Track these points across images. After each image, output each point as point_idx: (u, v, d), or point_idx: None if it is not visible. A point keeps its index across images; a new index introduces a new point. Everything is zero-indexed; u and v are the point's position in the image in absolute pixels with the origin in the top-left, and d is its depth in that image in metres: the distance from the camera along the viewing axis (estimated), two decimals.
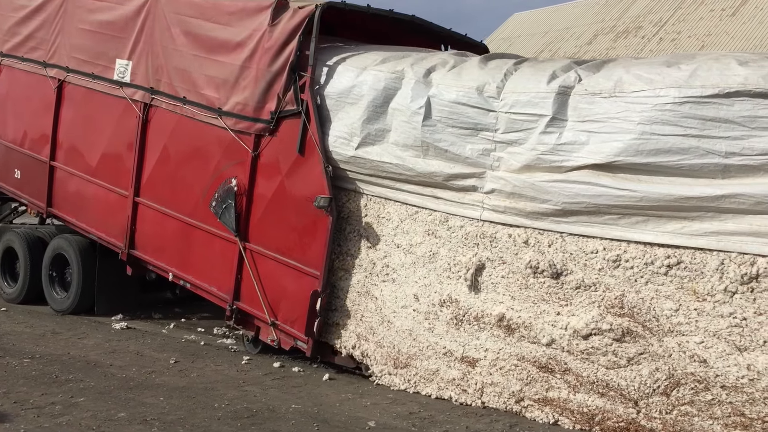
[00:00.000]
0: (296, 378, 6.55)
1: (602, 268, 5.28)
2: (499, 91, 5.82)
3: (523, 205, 5.64)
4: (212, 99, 7.45)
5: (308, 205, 6.57)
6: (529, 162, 5.60)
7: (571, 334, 5.36)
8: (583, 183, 5.33)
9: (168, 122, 7.96)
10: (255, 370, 6.76)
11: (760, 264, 4.71)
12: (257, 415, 5.40)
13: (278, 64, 6.87)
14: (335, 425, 5.29)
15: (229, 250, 7.30)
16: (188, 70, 7.69)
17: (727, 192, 4.81)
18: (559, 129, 5.49)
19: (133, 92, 8.29)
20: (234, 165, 7.27)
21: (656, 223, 5.10)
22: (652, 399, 5.08)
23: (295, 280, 6.77)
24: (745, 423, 4.76)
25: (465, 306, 5.92)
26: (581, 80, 5.53)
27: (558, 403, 5.46)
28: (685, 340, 4.96)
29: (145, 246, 8.24)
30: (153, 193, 8.13)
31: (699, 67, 5.07)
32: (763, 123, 4.72)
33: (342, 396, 6.03)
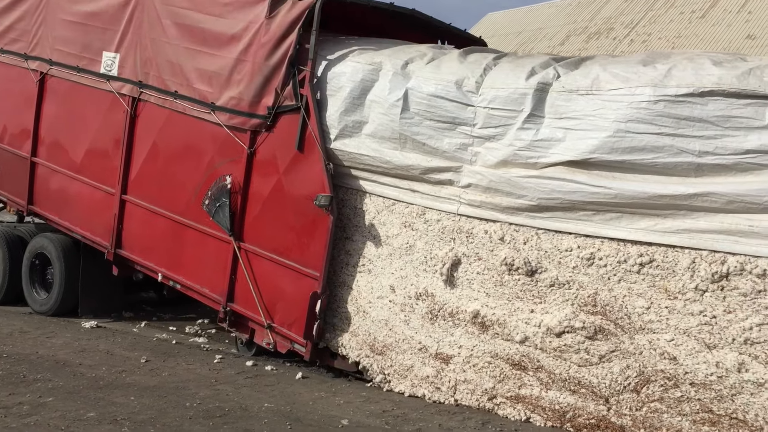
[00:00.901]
0: (269, 377, 6.51)
1: (576, 266, 5.33)
2: (478, 86, 5.83)
3: (499, 200, 5.66)
4: (205, 93, 7.21)
5: (307, 204, 6.40)
6: (506, 157, 5.62)
7: (544, 332, 5.39)
8: (558, 179, 5.36)
9: (157, 117, 7.70)
10: (227, 368, 6.70)
11: (730, 263, 4.78)
12: (229, 414, 5.35)
13: (276, 57, 6.66)
14: (308, 424, 5.26)
15: (223, 250, 7.08)
16: (179, 63, 7.44)
17: (700, 191, 4.87)
18: (536, 125, 5.51)
19: (120, 86, 8.02)
20: (228, 162, 7.05)
21: (630, 220, 5.15)
22: (622, 396, 5.13)
23: (293, 281, 6.58)
24: (713, 419, 4.83)
25: (441, 301, 5.93)
26: (559, 77, 5.57)
27: (530, 401, 5.49)
28: (656, 337, 5.01)
29: (133, 245, 7.98)
30: (141, 191, 7.86)
31: (674, 66, 5.13)
32: (736, 123, 4.78)
33: (315, 394, 6.00)
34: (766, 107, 4.70)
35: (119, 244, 8.04)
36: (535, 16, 20.77)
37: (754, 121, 4.73)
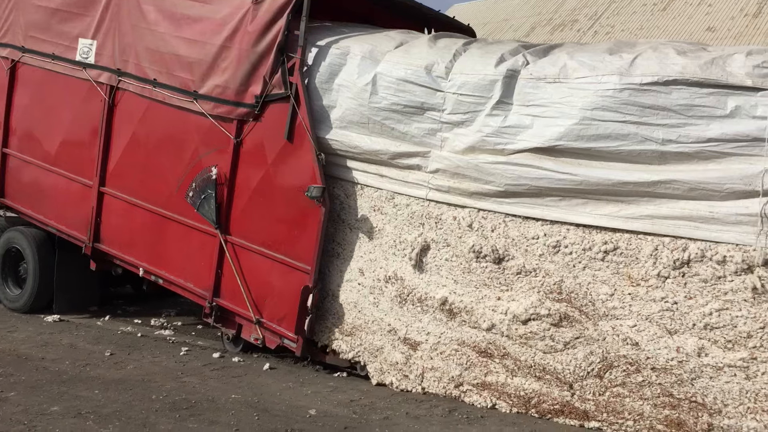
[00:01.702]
0: (236, 368, 6.49)
1: (543, 253, 5.39)
2: (447, 72, 5.82)
3: (466, 185, 5.69)
4: (187, 81, 6.97)
5: (297, 196, 6.23)
6: (474, 144, 5.64)
7: (510, 319, 5.45)
8: (525, 166, 5.41)
9: (137, 106, 7.44)
10: (194, 361, 6.66)
11: (691, 250, 4.88)
12: (196, 406, 5.33)
13: (264, 44, 6.44)
14: (275, 414, 5.26)
15: (209, 243, 6.88)
16: (160, 50, 7.18)
17: (663, 178, 4.95)
18: (504, 112, 5.54)
19: (98, 74, 7.74)
20: (213, 153, 6.83)
21: (595, 206, 5.22)
22: (586, 381, 5.22)
23: (283, 275, 6.42)
24: (673, 403, 4.93)
25: (410, 285, 5.96)
26: (528, 64, 5.60)
27: (496, 387, 5.55)
28: (619, 323, 5.10)
29: (112, 239, 7.73)
30: (121, 183, 7.61)
31: (639, 55, 5.20)
32: (699, 111, 4.87)
33: (283, 385, 6.00)
34: (727, 96, 4.79)
35: (97, 238, 7.81)
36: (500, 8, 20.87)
37: (716, 110, 4.81)
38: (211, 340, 7.58)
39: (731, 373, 4.74)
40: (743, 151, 4.74)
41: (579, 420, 5.24)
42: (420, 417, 5.34)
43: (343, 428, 5.04)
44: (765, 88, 4.71)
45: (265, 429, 4.95)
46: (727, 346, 4.76)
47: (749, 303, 4.70)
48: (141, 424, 4.91)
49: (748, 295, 4.70)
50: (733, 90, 4.78)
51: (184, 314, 8.62)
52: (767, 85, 4.71)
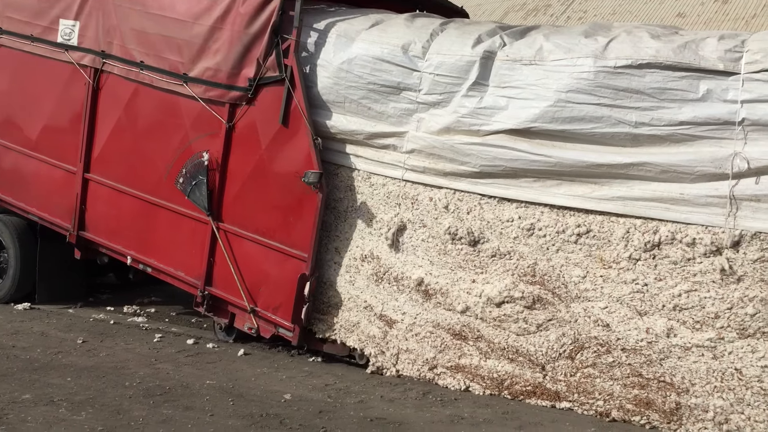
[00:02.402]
0: (211, 354, 6.46)
1: (517, 236, 5.42)
2: (424, 51, 5.80)
3: (442, 165, 5.69)
4: (176, 64, 6.75)
5: (293, 181, 6.08)
6: (450, 124, 5.64)
7: (485, 302, 5.49)
8: (500, 147, 5.43)
9: (123, 90, 7.21)
10: (168, 347, 6.61)
11: (662, 232, 4.95)
12: (170, 392, 5.30)
13: (257, 25, 6.24)
14: (250, 399, 5.26)
15: (200, 231, 6.70)
16: (147, 31, 6.94)
17: (636, 160, 5.01)
18: (480, 93, 5.55)
19: (81, 56, 7.47)
20: (204, 137, 6.64)
21: (568, 187, 5.27)
22: (557, 363, 5.29)
23: (278, 263, 6.27)
24: (642, 383, 5.01)
25: (386, 264, 5.97)
26: (505, 46, 5.61)
27: (469, 370, 5.60)
28: (591, 305, 5.17)
29: (98, 227, 7.51)
30: (106, 169, 7.38)
31: (614, 38, 5.24)
32: (672, 95, 4.92)
33: (258, 371, 5.99)
34: (700, 80, 4.84)
35: (82, 226, 7.58)
36: None
37: (688, 93, 4.87)
38: (185, 326, 7.55)
39: (699, 353, 4.84)
40: (714, 135, 4.80)
41: (551, 401, 5.31)
42: (394, 400, 5.38)
43: (318, 412, 5.05)
44: (736, 72, 4.77)
45: (240, 414, 4.95)
46: (696, 326, 4.85)
47: (717, 284, 4.79)
48: (114, 410, 4.88)
49: (717, 276, 4.79)
50: (705, 74, 4.84)
51: (157, 301, 8.55)
52: (739, 70, 4.76)
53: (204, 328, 7.50)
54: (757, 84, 4.69)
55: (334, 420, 4.93)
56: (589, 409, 5.18)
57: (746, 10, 12.98)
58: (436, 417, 5.07)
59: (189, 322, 7.74)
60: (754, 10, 12.93)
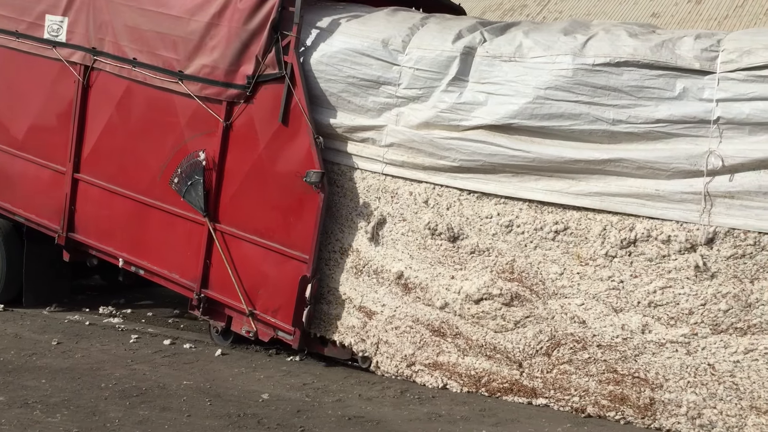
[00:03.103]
0: (188, 354, 6.41)
1: (496, 233, 5.45)
2: (404, 46, 5.80)
3: (421, 159, 5.70)
4: (171, 61, 6.58)
5: (293, 181, 5.95)
6: (429, 119, 5.65)
7: (463, 299, 5.51)
8: (479, 142, 5.45)
9: (115, 88, 7.02)
10: (144, 348, 6.56)
11: (638, 229, 5.00)
12: (147, 393, 5.27)
13: (256, 21, 6.10)
14: (228, 399, 5.24)
15: (196, 232, 6.54)
16: (141, 27, 6.75)
17: (613, 156, 5.06)
18: (460, 88, 5.56)
19: (70, 53, 7.25)
20: (200, 136, 6.48)
21: (546, 183, 5.30)
22: (534, 359, 5.32)
23: (278, 264, 6.13)
24: (617, 379, 5.07)
25: (365, 257, 5.96)
26: (485, 42, 5.63)
27: (447, 367, 5.62)
28: (568, 302, 5.21)
29: (88, 228, 7.31)
30: (97, 169, 7.17)
31: (593, 36, 5.29)
32: (649, 93, 4.97)
33: (235, 370, 5.96)
34: (676, 79, 4.90)
35: (72, 228, 7.37)
36: None
37: (665, 92, 4.93)
38: (162, 327, 7.48)
39: (673, 348, 4.90)
40: (690, 132, 4.86)
41: (527, 397, 5.35)
42: (372, 398, 5.39)
43: (296, 411, 5.04)
44: (712, 71, 4.83)
45: (217, 414, 4.93)
46: (670, 322, 4.91)
47: (691, 281, 4.85)
48: (90, 412, 4.84)
49: (691, 273, 4.85)
50: (682, 72, 4.90)
51: (133, 302, 8.47)
52: (714, 69, 4.83)
53: (181, 329, 7.45)
54: (732, 83, 4.76)
55: (312, 419, 4.92)
56: (565, 405, 5.22)
57: (719, 11, 13.17)
58: (414, 415, 5.09)
59: (166, 322, 7.67)
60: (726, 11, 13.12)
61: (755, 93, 4.68)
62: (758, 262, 4.68)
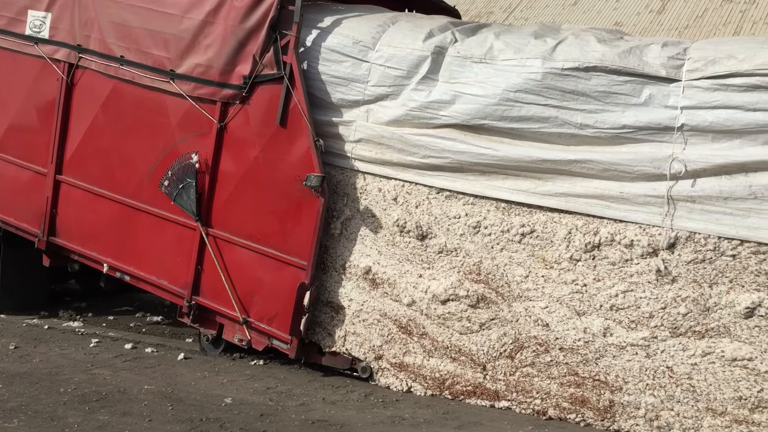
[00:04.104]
0: (149, 359, 6.30)
1: (464, 233, 5.47)
2: (374, 43, 5.79)
3: (390, 155, 5.69)
4: (161, 60, 6.37)
5: (291, 185, 5.79)
6: (398, 117, 5.65)
7: (430, 299, 5.53)
8: (449, 139, 5.47)
9: (101, 86, 6.78)
10: (104, 352, 6.43)
11: (602, 234, 5.07)
12: (107, 398, 5.16)
13: (253, 20, 5.93)
14: (190, 404, 5.17)
15: (187, 237, 6.32)
16: (129, 24, 6.55)
17: (578, 157, 5.12)
18: (429, 87, 5.57)
19: (53, 50, 7.01)
20: (192, 138, 6.26)
21: (513, 182, 5.34)
22: (498, 362, 5.36)
23: (274, 271, 5.95)
24: (578, 382, 5.12)
25: (333, 253, 5.93)
26: (456, 42, 5.65)
27: (413, 369, 5.63)
28: (532, 305, 5.26)
29: (71, 232, 7.04)
30: (81, 171, 6.92)
31: (562, 41, 5.35)
32: (616, 99, 5.04)
33: (198, 375, 5.88)
34: (643, 85, 4.99)
35: (53, 231, 7.11)
36: None
37: (631, 98, 5.01)
38: (123, 331, 7.36)
39: (633, 351, 4.97)
40: (654, 138, 4.95)
41: (490, 400, 5.38)
42: (336, 402, 5.36)
43: (259, 416, 5.00)
44: (678, 79, 4.93)
45: (179, 419, 4.85)
46: (631, 326, 4.98)
47: (653, 285, 4.94)
48: (48, 417, 4.72)
49: (652, 277, 4.93)
50: (648, 79, 4.98)
51: (94, 306, 8.32)
52: (680, 77, 4.93)
53: (143, 333, 7.33)
54: (697, 91, 4.86)
55: (276, 423, 4.88)
56: (527, 408, 5.26)
57: (679, 20, 13.44)
58: (378, 418, 5.08)
59: (127, 326, 7.54)
60: (687, 21, 13.40)
61: (718, 101, 4.78)
62: (717, 267, 4.78)
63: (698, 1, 13.90)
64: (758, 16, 12.89)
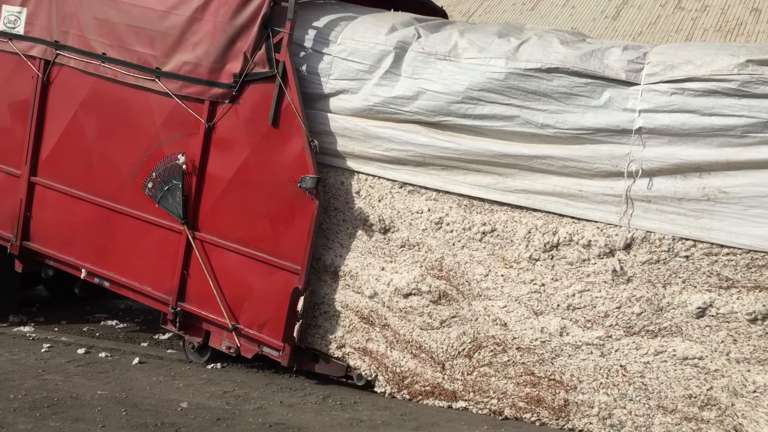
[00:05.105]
0: (103, 364, 6.14)
1: (426, 228, 5.49)
2: (336, 36, 5.75)
3: (351, 148, 5.65)
4: (146, 57, 6.16)
5: (284, 187, 5.65)
6: (360, 110, 5.62)
7: (392, 291, 5.53)
8: (411, 132, 5.47)
9: (80, 84, 6.55)
10: (56, 357, 6.24)
11: (560, 234, 5.13)
12: (59, 404, 5.02)
13: (244, 16, 5.77)
14: (145, 409, 5.06)
15: (172, 241, 6.11)
16: (112, 20, 6.33)
17: (539, 153, 5.16)
18: (392, 82, 5.56)
19: (29, 47, 6.76)
20: (178, 138, 6.07)
21: (474, 177, 5.37)
22: (456, 361, 5.38)
23: (265, 275, 5.78)
24: (534, 381, 5.17)
25: None
26: (420, 38, 5.65)
27: (376, 356, 5.63)
28: (491, 304, 5.30)
29: (46, 237, 6.78)
30: (57, 173, 6.66)
31: (526, 41, 5.40)
32: (577, 100, 5.10)
33: (153, 379, 5.76)
34: (604, 88, 5.05)
35: (26, 236, 6.84)
36: None
37: (591, 100, 5.08)
38: (76, 335, 7.16)
39: (588, 350, 5.03)
40: (613, 140, 5.02)
41: (447, 401, 5.41)
42: (294, 405, 5.32)
43: (215, 420, 4.92)
44: (637, 82, 5.01)
45: (133, 424, 4.74)
46: (587, 325, 5.04)
47: (608, 284, 5.01)
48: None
49: (608, 277, 5.01)
50: (609, 82, 5.05)
51: (47, 310, 8.11)
52: (639, 80, 5.01)
53: (96, 337, 7.15)
54: (655, 95, 4.94)
55: (233, 427, 4.81)
56: (484, 408, 5.29)
57: (633, 27, 13.71)
58: (336, 420, 5.05)
59: (80, 331, 7.35)
60: (640, 27, 13.68)
61: (675, 105, 4.88)
62: (671, 267, 4.88)
63: (651, 9, 14.20)
64: (709, 23, 13.23)
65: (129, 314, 8.21)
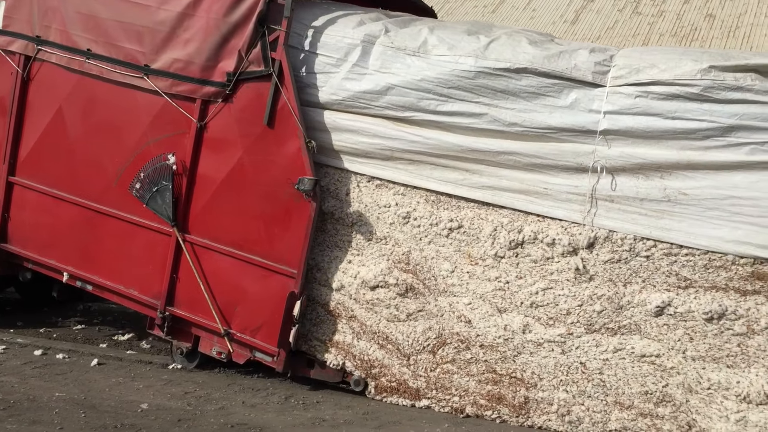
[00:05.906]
0: (61, 365, 5.99)
1: (393, 222, 5.50)
2: (304, 29, 5.70)
3: (321, 140, 5.58)
4: (134, 54, 5.99)
5: (279, 188, 5.53)
6: (328, 104, 5.59)
7: (359, 284, 5.54)
8: (380, 127, 5.47)
9: (62, 81, 6.34)
10: (12, 359, 6.07)
11: (525, 232, 5.18)
12: (15, 406, 4.88)
13: (239, 13, 5.62)
14: (104, 410, 4.97)
15: (161, 243, 5.94)
16: (98, 15, 6.15)
17: (506, 148, 5.20)
18: (360, 76, 5.53)
19: (7, 41, 6.56)
20: (167, 138, 5.91)
21: (442, 173, 5.39)
22: (420, 356, 5.41)
23: (259, 279, 5.65)
24: (495, 379, 5.22)
25: None
26: (388, 32, 5.63)
27: (343, 347, 5.63)
28: (456, 300, 5.33)
29: (25, 239, 6.58)
30: (38, 172, 6.47)
31: (495, 40, 5.43)
32: (544, 100, 5.16)
33: (113, 381, 5.65)
34: (570, 89, 5.11)
35: (4, 238, 6.66)
36: None
37: (557, 100, 5.14)
38: (32, 337, 6.98)
39: (549, 348, 5.10)
40: (578, 140, 5.09)
41: (411, 399, 5.43)
42: (256, 405, 5.29)
43: (176, 421, 4.86)
44: (603, 84, 5.09)
45: (92, 426, 4.65)
46: (549, 323, 5.10)
47: (571, 282, 5.08)
48: None
49: (571, 275, 5.08)
50: (575, 83, 5.11)
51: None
52: (605, 82, 5.09)
53: (54, 339, 6.99)
54: (619, 97, 5.02)
55: (194, 428, 4.75)
56: (446, 406, 5.33)
57: (592, 31, 13.94)
58: (298, 420, 5.03)
59: (37, 332, 7.16)
60: (599, 32, 13.91)
61: (639, 108, 4.97)
62: (632, 267, 4.97)
63: (609, 14, 14.45)
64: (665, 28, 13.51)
65: (87, 315, 8.05)
